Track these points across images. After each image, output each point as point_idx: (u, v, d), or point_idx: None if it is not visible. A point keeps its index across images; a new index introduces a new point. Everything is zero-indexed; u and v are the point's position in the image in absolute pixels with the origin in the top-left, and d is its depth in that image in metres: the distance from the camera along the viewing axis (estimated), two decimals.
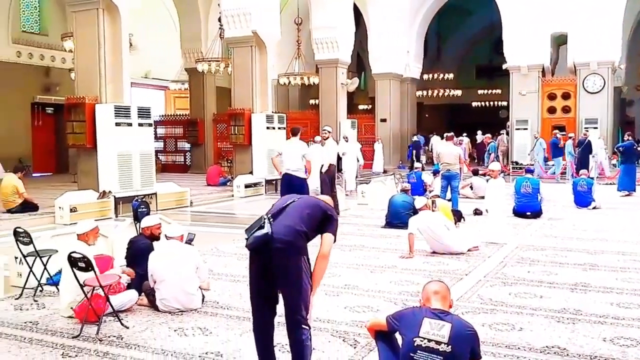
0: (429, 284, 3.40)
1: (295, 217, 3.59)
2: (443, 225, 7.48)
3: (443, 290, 3.31)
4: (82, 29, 11.39)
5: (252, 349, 4.17)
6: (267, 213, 3.67)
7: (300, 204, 3.70)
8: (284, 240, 3.47)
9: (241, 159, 15.95)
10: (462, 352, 3.05)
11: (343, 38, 19.69)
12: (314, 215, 3.66)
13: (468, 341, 3.09)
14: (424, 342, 3.07)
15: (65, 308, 4.92)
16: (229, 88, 19.02)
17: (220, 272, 6.47)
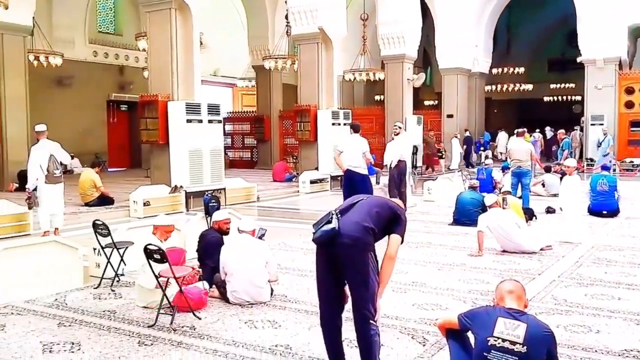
0: (503, 282, 3.32)
1: (363, 214, 3.59)
2: (514, 223, 7.29)
3: (518, 289, 3.22)
4: (156, 28, 11.76)
5: (320, 342, 4.20)
6: (336, 209, 3.67)
7: (369, 202, 3.70)
8: (351, 236, 3.47)
9: (307, 155, 16.07)
10: (537, 354, 2.96)
11: (409, 33, 19.47)
12: (382, 214, 3.64)
13: (544, 342, 3.00)
14: (498, 341, 3.00)
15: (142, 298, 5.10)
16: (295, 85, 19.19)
17: (288, 267, 6.54)
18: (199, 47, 12.03)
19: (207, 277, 5.56)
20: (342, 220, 3.53)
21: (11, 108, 13.65)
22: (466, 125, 24.21)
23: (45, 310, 5.08)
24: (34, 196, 8.47)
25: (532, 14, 31.65)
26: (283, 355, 4.02)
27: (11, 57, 13.59)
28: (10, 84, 13.60)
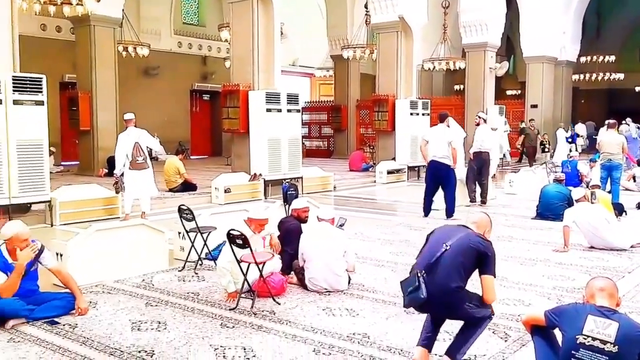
0: (594, 280, 3.18)
1: (449, 271, 3.52)
2: (604, 218, 6.96)
3: (610, 287, 3.08)
4: (238, 19, 12.00)
5: (398, 332, 4.20)
6: (419, 263, 3.67)
7: (453, 253, 3.55)
8: (441, 302, 3.53)
9: (384, 145, 15.98)
10: (629, 354, 2.82)
11: (492, 20, 18.86)
12: (468, 264, 3.57)
13: (637, 343, 2.85)
14: (587, 340, 2.88)
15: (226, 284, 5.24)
16: (372, 74, 19.09)
17: (365, 256, 6.54)
18: (279, 37, 12.18)
19: (286, 264, 5.65)
20: (429, 282, 3.51)
21: (102, 97, 14.33)
22: (551, 116, 23.27)
23: (133, 290, 5.33)
24: (120, 181, 8.90)
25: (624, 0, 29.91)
26: (361, 343, 4.03)
27: (102, 48, 14.25)
28: (101, 74, 14.27)
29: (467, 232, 3.65)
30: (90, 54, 14.12)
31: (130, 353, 3.86)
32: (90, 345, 4.01)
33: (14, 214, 8.04)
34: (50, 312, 4.50)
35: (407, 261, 6.37)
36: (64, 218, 8.52)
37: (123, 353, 3.86)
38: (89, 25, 13.97)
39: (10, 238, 4.43)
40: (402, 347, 3.95)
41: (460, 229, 3.71)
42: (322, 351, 3.90)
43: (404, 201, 11.56)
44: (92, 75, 14.20)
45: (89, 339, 4.12)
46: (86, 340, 4.10)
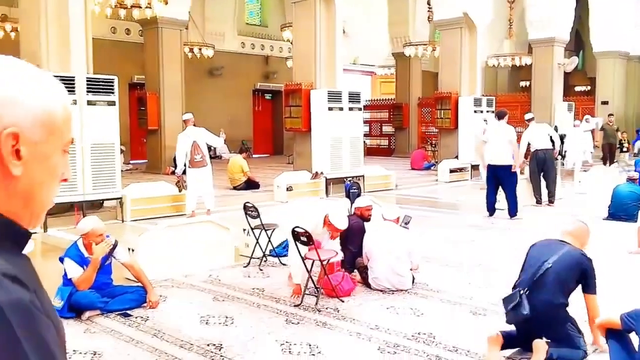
0: None
1: (553, 288, 3.53)
2: None
3: None
4: (301, 19, 12.10)
5: (465, 333, 4.14)
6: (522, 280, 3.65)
7: (556, 271, 3.53)
8: (544, 319, 3.52)
9: (446, 143, 15.75)
10: None
11: (561, 14, 18.24)
12: (572, 280, 3.57)
13: None
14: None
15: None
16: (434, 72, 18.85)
17: (429, 256, 6.46)
18: (341, 36, 12.21)
19: (349, 262, 5.67)
20: (531, 299, 3.51)
21: (168, 97, 14.75)
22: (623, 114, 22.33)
23: (201, 285, 5.47)
24: (182, 179, 9.13)
25: None
26: (427, 343, 4.00)
27: (169, 49, 14.67)
28: (168, 75, 14.69)
29: (567, 248, 3.59)
30: (158, 55, 14.55)
31: (200, 346, 3.97)
32: (162, 338, 4.14)
33: (87, 210, 8.40)
34: (123, 304, 4.68)
35: (472, 261, 6.27)
36: (133, 214, 8.83)
37: (192, 346, 3.97)
38: (157, 28, 14.41)
39: (87, 233, 4.63)
40: (469, 348, 3.89)
41: (560, 245, 3.65)
42: (387, 350, 3.89)
43: (468, 200, 11.36)
44: (159, 76, 14.62)
45: (160, 331, 4.26)
46: (157, 333, 4.24)
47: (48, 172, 0.86)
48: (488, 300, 4.91)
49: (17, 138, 0.80)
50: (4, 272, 0.74)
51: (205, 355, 3.83)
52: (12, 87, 0.82)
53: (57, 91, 0.88)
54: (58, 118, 0.86)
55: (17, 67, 0.84)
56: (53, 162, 0.86)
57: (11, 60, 0.85)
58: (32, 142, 0.82)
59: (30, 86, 0.84)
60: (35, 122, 0.83)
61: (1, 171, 0.81)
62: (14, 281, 0.74)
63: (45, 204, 0.88)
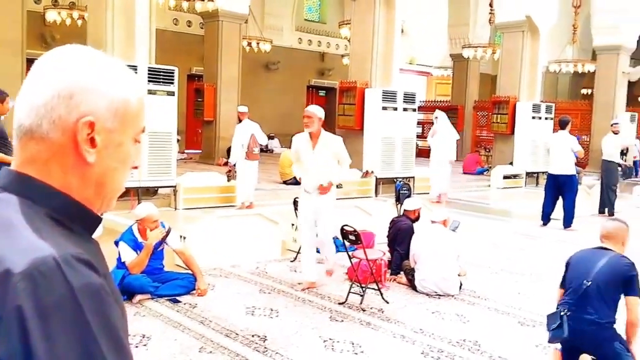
0: None
1: (597, 306, 3.32)
2: None
3: None
4: (359, 16, 12.06)
5: (511, 343, 4.07)
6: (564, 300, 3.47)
7: (598, 286, 3.33)
8: (590, 340, 3.37)
9: (501, 149, 15.43)
10: None
11: (628, 21, 17.58)
12: (616, 291, 3.36)
13: None
14: None
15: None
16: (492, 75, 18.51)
17: (478, 263, 6.37)
18: (400, 35, 12.12)
19: (396, 263, 5.64)
20: (574, 320, 3.35)
21: (226, 89, 14.97)
22: None
23: (248, 276, 5.55)
24: (233, 170, 9.26)
25: None
26: (471, 351, 3.95)
27: (229, 42, 14.87)
28: (227, 67, 14.90)
29: (607, 257, 3.38)
30: (217, 47, 14.77)
31: (245, 336, 4.03)
32: (208, 325, 4.23)
33: (142, 196, 8.63)
34: (173, 290, 4.79)
35: (521, 270, 6.14)
36: (186, 203, 9.01)
37: (238, 336, 4.04)
38: (218, 21, 14.62)
39: (143, 219, 4.76)
40: (515, 359, 3.82)
41: (599, 253, 3.45)
42: (430, 354, 3.86)
43: (520, 208, 11.11)
44: (217, 68, 14.85)
45: (207, 319, 4.35)
46: (204, 320, 4.33)
47: (120, 160, 0.89)
48: (537, 311, 4.80)
49: (93, 126, 0.84)
50: (77, 257, 0.76)
51: (250, 345, 3.89)
52: (89, 76, 0.84)
53: (132, 81, 0.90)
54: (132, 108, 0.89)
55: (95, 57, 0.88)
56: (125, 150, 0.89)
57: (89, 50, 0.88)
58: (107, 130, 0.85)
59: (107, 75, 0.87)
60: (110, 111, 0.86)
61: (76, 158, 0.84)
62: (87, 265, 0.77)
63: (116, 191, 0.92)
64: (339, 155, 5.20)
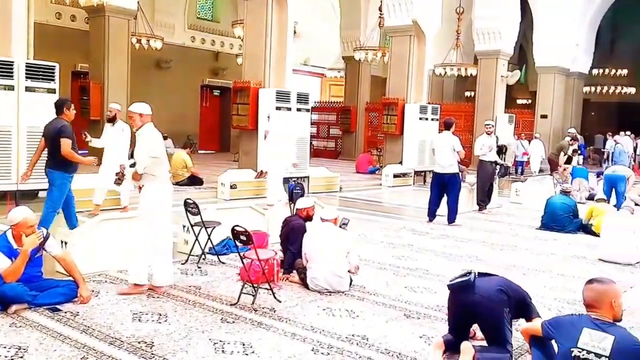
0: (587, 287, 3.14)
1: (501, 282, 3.86)
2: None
3: (602, 295, 3.05)
4: (252, 16, 12.04)
5: (398, 336, 4.21)
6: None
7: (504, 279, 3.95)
8: (482, 295, 3.71)
9: (391, 149, 15.98)
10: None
11: (507, 28, 18.81)
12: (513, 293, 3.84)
13: (633, 356, 2.85)
14: (582, 353, 2.89)
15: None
16: (383, 77, 19.10)
17: (368, 259, 6.54)
18: (292, 36, 12.21)
19: (288, 262, 5.68)
20: (478, 280, 3.78)
21: (113, 88, 14.38)
22: (560, 127, 23.20)
23: None
24: (122, 173, 8.87)
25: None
26: (360, 345, 4.05)
27: (116, 39, 14.29)
28: (114, 65, 14.32)
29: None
30: (103, 44, 14.16)
31: (130, 343, 3.89)
32: (91, 334, 4.04)
33: (21, 200, 8.09)
34: (52, 298, 4.53)
35: (409, 265, 6.39)
36: None
37: (123, 343, 3.89)
38: (104, 16, 14.02)
39: (18, 224, 4.47)
40: (401, 351, 3.96)
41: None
42: (320, 350, 3.92)
43: (409, 205, 11.57)
44: (104, 65, 14.25)
45: (90, 328, 4.15)
46: (87, 329, 4.13)
47: None
48: (422, 304, 5.02)
49: None
50: None
51: (136, 352, 3.75)
52: None
53: None
54: None
55: None
56: None
57: None
58: None
59: None
60: None
61: None
62: None
63: None
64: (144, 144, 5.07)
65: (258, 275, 4.96)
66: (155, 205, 5.11)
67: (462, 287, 3.76)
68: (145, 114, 5.16)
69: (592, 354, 2.86)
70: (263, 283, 4.92)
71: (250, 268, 4.97)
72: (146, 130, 5.12)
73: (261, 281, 4.92)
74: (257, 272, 4.98)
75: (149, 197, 5.12)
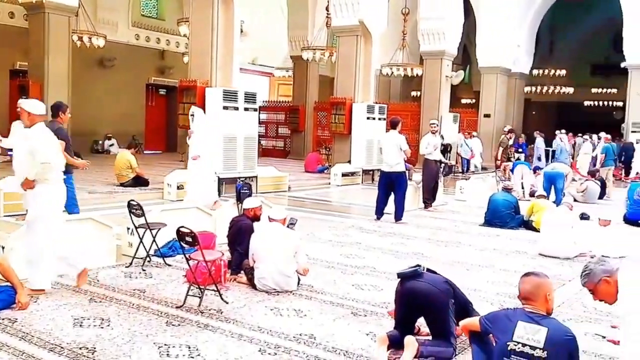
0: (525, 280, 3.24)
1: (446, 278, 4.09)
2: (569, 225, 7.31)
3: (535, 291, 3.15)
4: (198, 14, 11.88)
5: (345, 334, 4.25)
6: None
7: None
8: (429, 284, 3.92)
9: (340, 148, 16.07)
10: (558, 358, 2.93)
11: (450, 29, 19.20)
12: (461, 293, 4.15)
13: (565, 347, 2.96)
14: (517, 346, 2.98)
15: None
16: (331, 77, 19.18)
17: (316, 258, 6.57)
18: (239, 34, 12.12)
19: (236, 263, 5.64)
20: (426, 273, 4.04)
21: (53, 87, 13.91)
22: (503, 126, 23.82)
23: None
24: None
25: (577, 17, 30.91)
26: (307, 344, 4.06)
27: (56, 36, 13.81)
28: (55, 63, 13.85)
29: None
30: (43, 42, 13.68)
31: (71, 349, 3.78)
32: (30, 341, 3.91)
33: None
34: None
35: (357, 263, 6.44)
36: (7, 209, 8.24)
37: (63, 349, 3.78)
38: (43, 13, 13.55)
39: None
40: (348, 349, 3.99)
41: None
42: (267, 351, 3.91)
43: (357, 204, 11.67)
44: (44, 64, 13.76)
45: (29, 334, 4.01)
46: (25, 336, 3.99)
47: None
48: (369, 301, 5.08)
49: None
50: None
51: (77, 358, 3.65)
52: None
53: None
54: None
55: None
56: None
57: None
58: None
59: None
60: None
61: None
62: None
63: None
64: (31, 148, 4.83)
65: (205, 276, 4.91)
66: (50, 209, 4.95)
67: (411, 276, 3.95)
68: (35, 114, 4.91)
69: (527, 346, 2.95)
70: (210, 284, 4.87)
71: (197, 269, 4.91)
72: (36, 131, 4.87)
73: (208, 283, 4.87)
74: (204, 273, 4.93)
75: (42, 201, 4.90)
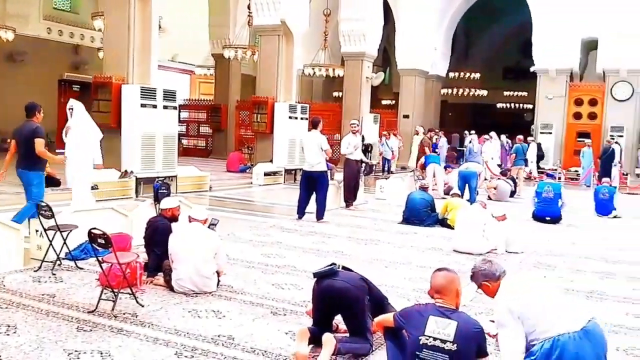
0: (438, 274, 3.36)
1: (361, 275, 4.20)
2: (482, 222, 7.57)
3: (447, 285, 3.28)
4: (113, 8, 11.50)
5: (264, 334, 4.23)
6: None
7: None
8: (345, 281, 4.00)
9: (262, 147, 16.02)
10: (467, 350, 3.06)
11: (371, 31, 19.56)
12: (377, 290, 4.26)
13: (474, 339, 3.09)
14: (429, 340, 3.08)
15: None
16: (253, 76, 19.07)
17: (236, 258, 6.51)
18: (157, 30, 11.83)
19: (153, 265, 5.50)
20: (341, 271, 4.10)
21: None
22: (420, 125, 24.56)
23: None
24: None
25: (491, 22, 32.29)
26: (225, 345, 4.01)
27: None
28: None
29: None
30: None
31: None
32: None
33: None
34: None
35: (277, 262, 6.44)
36: None
37: None
38: None
39: None
40: (267, 349, 3.98)
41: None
42: (184, 354, 3.83)
43: (279, 203, 11.66)
44: None
45: None
46: None
47: None
48: (289, 300, 5.08)
49: None
50: None
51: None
52: None
53: None
54: None
55: None
56: None
57: None
58: None
59: None
60: None
61: None
62: None
63: None
64: None
65: (119, 279, 4.75)
66: None
67: (327, 275, 3.99)
68: None
69: (437, 340, 3.05)
70: (125, 287, 4.72)
71: (110, 272, 4.75)
72: None
73: (122, 286, 4.72)
74: (118, 276, 4.77)
75: None
